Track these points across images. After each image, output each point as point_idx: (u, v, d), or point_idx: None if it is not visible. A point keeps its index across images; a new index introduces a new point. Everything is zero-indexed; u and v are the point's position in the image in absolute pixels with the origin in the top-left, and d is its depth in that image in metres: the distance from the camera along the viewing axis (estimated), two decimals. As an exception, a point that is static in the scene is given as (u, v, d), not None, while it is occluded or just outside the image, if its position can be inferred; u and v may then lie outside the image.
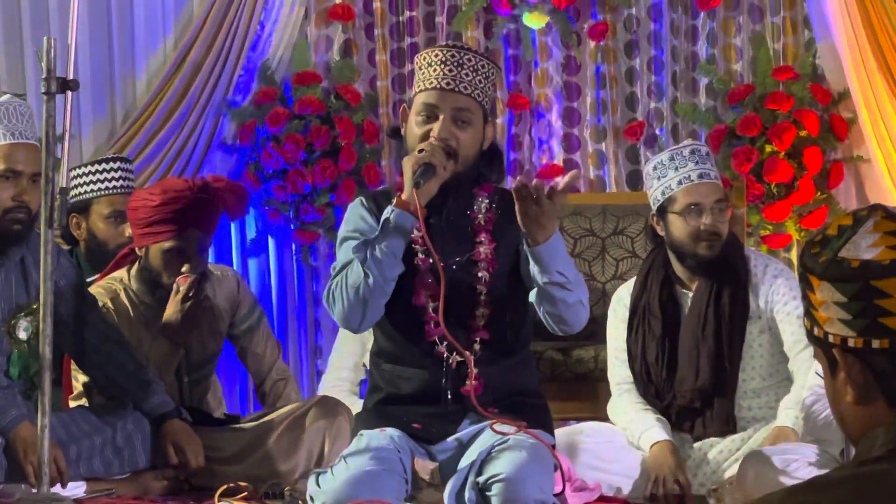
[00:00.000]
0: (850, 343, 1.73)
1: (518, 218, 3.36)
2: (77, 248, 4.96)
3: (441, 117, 3.48)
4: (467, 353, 3.49)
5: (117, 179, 4.95)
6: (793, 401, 4.08)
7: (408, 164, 3.43)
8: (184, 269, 4.32)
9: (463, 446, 3.51)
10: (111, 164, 4.98)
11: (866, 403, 1.73)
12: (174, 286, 4.32)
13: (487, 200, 3.60)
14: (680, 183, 4.20)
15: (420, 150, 3.44)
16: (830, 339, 1.74)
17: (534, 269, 3.42)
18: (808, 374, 4.08)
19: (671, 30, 6.14)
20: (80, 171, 4.96)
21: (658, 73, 6.15)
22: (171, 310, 4.33)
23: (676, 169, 4.21)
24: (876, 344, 1.71)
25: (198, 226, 4.35)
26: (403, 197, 3.43)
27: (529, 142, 6.25)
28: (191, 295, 4.29)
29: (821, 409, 3.87)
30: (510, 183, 5.12)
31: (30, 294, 4.03)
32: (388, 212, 3.45)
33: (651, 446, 4.09)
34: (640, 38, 6.16)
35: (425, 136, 3.48)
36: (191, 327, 4.37)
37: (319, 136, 6.04)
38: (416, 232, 3.52)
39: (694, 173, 4.19)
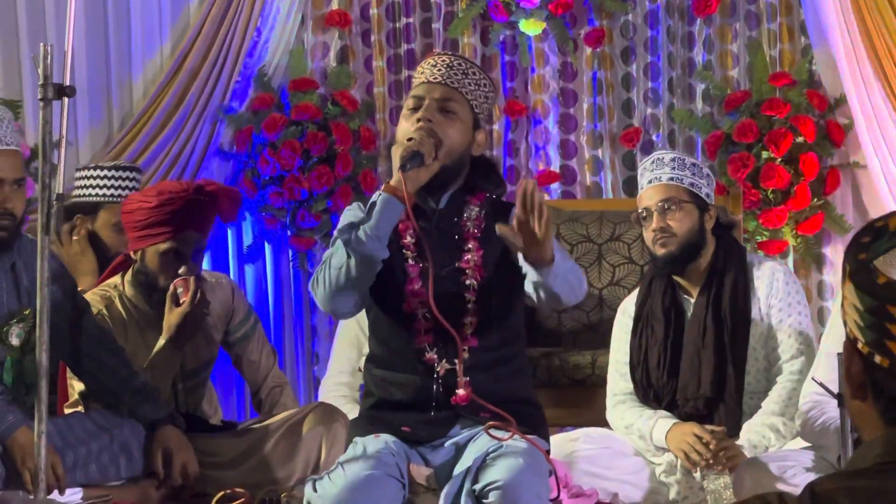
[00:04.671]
0: (859, 346, 1.73)
1: (522, 248, 3.27)
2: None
3: (426, 103, 3.51)
4: (456, 334, 3.46)
5: (130, 189, 4.93)
6: (756, 421, 4.15)
7: (396, 152, 3.44)
8: (181, 270, 4.32)
9: (458, 451, 3.50)
10: (127, 173, 4.98)
11: (862, 398, 1.74)
12: (171, 287, 4.31)
13: (477, 209, 3.59)
14: (638, 193, 4.31)
15: (409, 139, 3.46)
16: (848, 332, 1.74)
17: (534, 277, 3.39)
18: (782, 392, 4.15)
19: (668, 36, 6.15)
20: (94, 173, 4.95)
21: (654, 80, 6.16)
22: (175, 314, 4.31)
23: (640, 182, 4.32)
24: (877, 360, 1.70)
25: (194, 227, 4.36)
26: (392, 183, 3.43)
27: (526, 148, 6.25)
28: (197, 297, 4.29)
29: (817, 415, 3.87)
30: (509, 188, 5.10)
31: (21, 300, 4.02)
32: (376, 196, 3.45)
33: (666, 435, 4.11)
34: (637, 45, 6.17)
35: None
36: (196, 329, 4.37)
37: (316, 143, 6.05)
38: (408, 238, 3.53)
39: (645, 181, 4.27)
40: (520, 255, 3.35)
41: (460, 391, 3.49)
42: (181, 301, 4.30)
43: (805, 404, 3.93)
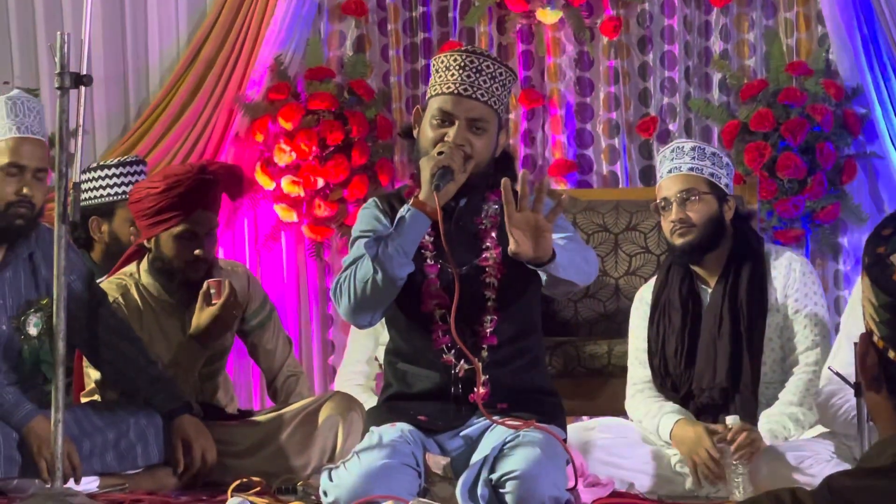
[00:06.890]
0: (874, 339, 1.71)
1: (512, 245, 3.30)
2: (87, 250, 4.93)
3: (457, 123, 3.46)
4: (475, 360, 3.46)
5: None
6: (775, 411, 4.13)
7: (426, 166, 3.40)
8: (197, 252, 4.33)
9: (474, 441, 3.50)
10: (134, 168, 4.97)
11: (877, 391, 1.72)
12: (204, 286, 4.31)
13: (496, 205, 3.56)
14: (658, 182, 4.29)
15: (439, 153, 3.42)
16: (865, 323, 1.72)
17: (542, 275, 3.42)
18: (798, 383, 4.14)
19: (684, 25, 6.13)
20: (101, 174, 4.92)
21: (671, 69, 6.14)
22: (206, 315, 4.31)
23: (659, 171, 4.30)
24: (892, 355, 1.69)
25: (204, 207, 4.37)
26: (421, 198, 3.40)
27: (542, 137, 6.24)
28: (230, 301, 4.29)
29: (839, 402, 3.86)
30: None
31: (39, 290, 4.04)
32: (405, 210, 3.42)
33: (671, 431, 4.10)
34: (654, 34, 6.16)
35: (439, 140, 3.46)
36: (224, 332, 4.39)
37: (332, 132, 6.05)
38: (426, 237, 3.52)
39: (665, 170, 4.25)
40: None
41: (479, 389, 3.48)
42: (213, 302, 4.31)
43: (827, 388, 3.90)
